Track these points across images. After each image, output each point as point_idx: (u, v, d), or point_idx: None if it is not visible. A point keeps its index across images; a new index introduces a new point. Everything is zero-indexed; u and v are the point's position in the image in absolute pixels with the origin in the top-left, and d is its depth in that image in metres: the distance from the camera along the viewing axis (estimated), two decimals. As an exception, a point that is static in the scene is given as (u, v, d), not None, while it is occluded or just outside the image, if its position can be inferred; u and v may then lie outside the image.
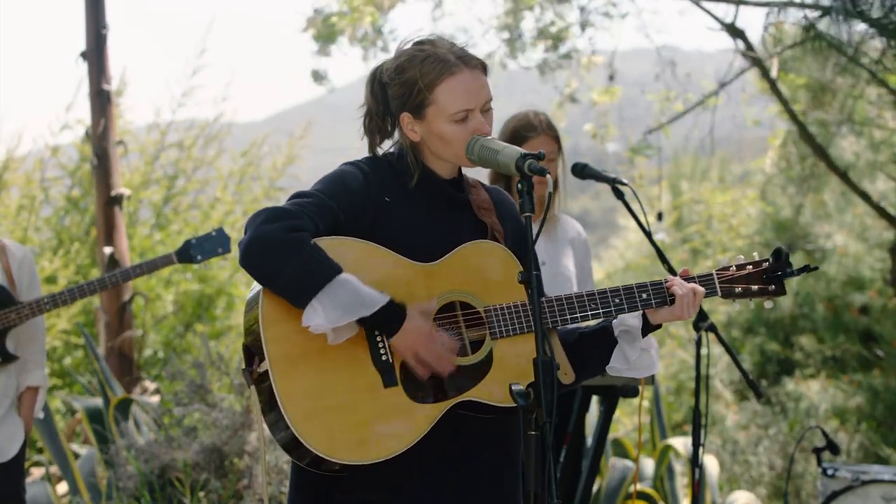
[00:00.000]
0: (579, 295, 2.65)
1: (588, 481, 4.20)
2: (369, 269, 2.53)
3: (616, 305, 2.65)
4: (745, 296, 2.72)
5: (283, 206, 2.53)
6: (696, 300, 2.65)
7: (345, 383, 2.50)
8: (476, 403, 2.57)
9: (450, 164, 2.70)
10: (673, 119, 7.89)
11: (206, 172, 10.17)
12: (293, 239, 2.44)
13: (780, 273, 2.72)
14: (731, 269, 2.72)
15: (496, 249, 2.66)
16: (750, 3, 6.86)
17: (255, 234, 2.45)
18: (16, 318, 4.17)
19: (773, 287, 2.72)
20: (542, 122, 4.16)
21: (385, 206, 2.61)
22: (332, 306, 2.42)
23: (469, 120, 2.61)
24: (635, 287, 2.67)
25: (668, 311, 2.66)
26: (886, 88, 7.01)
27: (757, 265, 2.72)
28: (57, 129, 9.84)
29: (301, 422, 2.45)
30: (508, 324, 2.61)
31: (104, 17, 7.54)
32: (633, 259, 13.43)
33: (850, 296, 9.62)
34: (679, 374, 10.07)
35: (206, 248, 4.62)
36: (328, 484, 2.59)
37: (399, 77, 2.63)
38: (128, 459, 5.49)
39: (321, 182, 2.63)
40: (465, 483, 2.61)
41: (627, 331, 2.68)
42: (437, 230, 2.65)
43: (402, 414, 2.51)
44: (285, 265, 2.42)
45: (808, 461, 7.37)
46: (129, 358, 7.55)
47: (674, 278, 2.68)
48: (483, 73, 2.66)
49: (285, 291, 2.46)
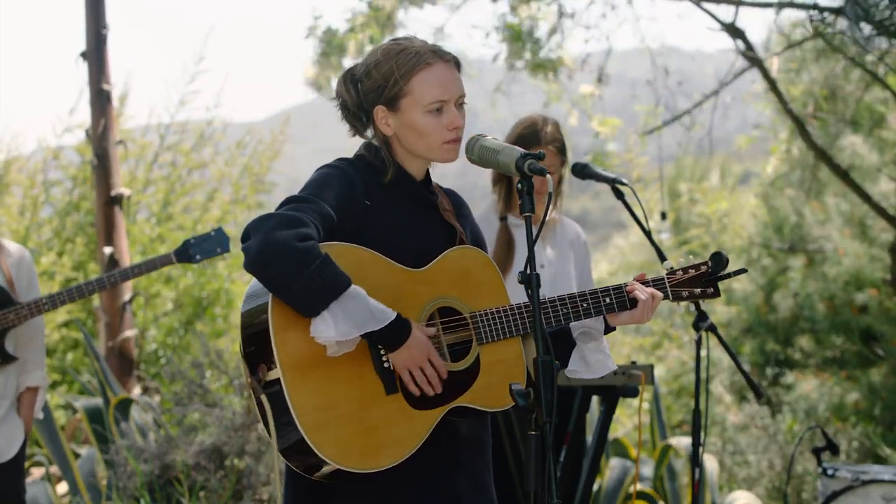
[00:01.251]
0: (552, 300, 2.69)
1: (588, 481, 4.19)
2: (364, 276, 2.53)
3: (584, 310, 2.70)
4: (688, 298, 2.80)
5: (291, 212, 2.49)
6: (654, 304, 2.72)
7: (350, 391, 2.51)
8: (466, 409, 2.59)
9: (421, 161, 2.70)
10: (670, 121, 7.89)
11: (205, 173, 10.18)
12: (305, 248, 2.42)
13: (716, 276, 2.80)
14: (678, 273, 2.80)
15: (479, 255, 2.71)
16: (750, 4, 6.86)
17: (267, 241, 2.41)
18: (14, 319, 4.17)
19: (710, 290, 2.80)
20: (547, 133, 4.13)
21: (367, 207, 2.62)
22: (342, 319, 2.42)
23: (443, 112, 2.63)
24: (600, 292, 2.72)
25: (628, 314, 2.72)
26: (890, 91, 7.01)
27: (697, 268, 2.80)
28: (59, 132, 9.87)
29: (313, 431, 2.45)
30: (495, 329, 2.64)
31: (104, 18, 7.54)
32: (635, 259, 13.44)
33: (850, 295, 9.62)
34: (680, 377, 10.08)
35: (205, 247, 4.62)
36: (323, 490, 2.60)
37: (375, 71, 2.65)
38: (128, 459, 5.49)
39: (311, 187, 2.60)
40: (460, 487, 2.63)
41: (587, 332, 2.75)
42: (417, 230, 2.67)
43: (403, 421, 2.53)
44: (298, 275, 2.40)
45: (808, 461, 7.37)
46: (129, 358, 7.55)
47: (634, 283, 2.74)
48: (457, 68, 2.69)
49: (296, 301, 2.44)
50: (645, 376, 3.95)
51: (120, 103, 9.63)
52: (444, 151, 2.66)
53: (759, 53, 7.00)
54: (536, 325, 2.38)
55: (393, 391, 2.53)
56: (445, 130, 2.63)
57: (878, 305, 9.31)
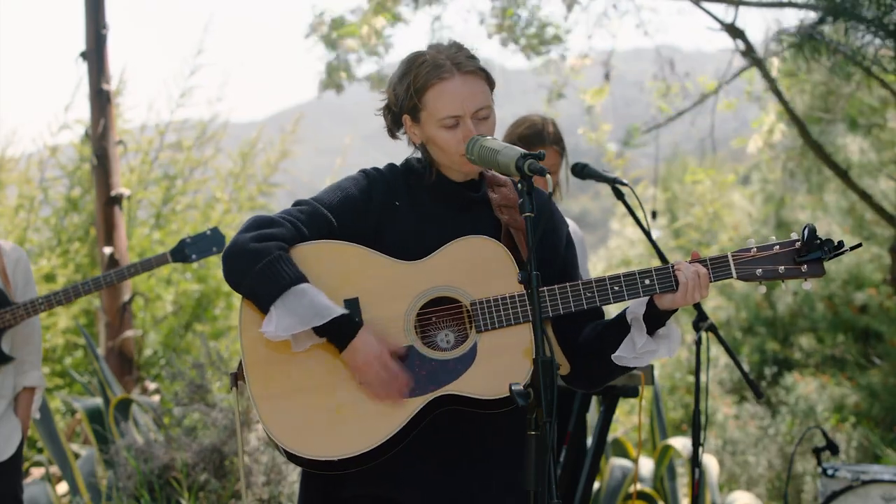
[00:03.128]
0: (574, 285, 2.63)
1: (588, 481, 4.19)
2: (350, 271, 2.59)
3: (615, 293, 2.61)
4: (769, 278, 2.58)
5: (269, 214, 2.60)
6: (702, 283, 2.57)
7: (319, 382, 2.55)
8: (460, 397, 2.57)
9: (454, 171, 2.71)
10: (671, 119, 7.89)
11: (205, 172, 10.18)
12: (258, 248, 2.51)
13: (816, 253, 2.58)
14: (752, 251, 2.61)
15: (488, 244, 2.65)
16: (750, 4, 6.86)
17: (230, 243, 2.56)
18: (11, 319, 4.17)
19: (805, 268, 2.58)
20: (550, 134, 4.14)
21: (393, 209, 2.65)
22: (285, 314, 2.48)
23: (459, 126, 2.63)
24: (637, 273, 2.62)
25: (671, 297, 2.59)
26: (889, 90, 7.01)
27: (785, 245, 2.60)
28: (56, 130, 9.86)
29: (271, 420, 2.53)
30: (494, 316, 2.60)
31: (104, 17, 7.54)
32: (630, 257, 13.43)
33: (849, 294, 9.62)
34: (674, 374, 10.07)
35: (201, 247, 4.65)
36: (334, 481, 2.62)
37: (399, 81, 2.68)
38: (128, 459, 5.49)
39: (323, 190, 2.69)
40: (466, 476, 2.62)
41: (636, 318, 2.65)
42: (441, 232, 2.65)
43: (377, 410, 2.54)
44: (247, 273, 2.51)
45: (808, 461, 7.37)
46: (128, 358, 7.55)
47: (681, 262, 2.61)
48: (480, 79, 2.66)
49: (249, 297, 2.56)
50: (645, 376, 3.95)
51: (120, 102, 9.62)
52: (464, 164, 2.66)
53: (759, 53, 7.00)
54: (536, 326, 2.36)
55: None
56: (461, 144, 2.63)
57: (877, 306, 9.32)
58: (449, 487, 2.61)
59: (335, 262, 2.59)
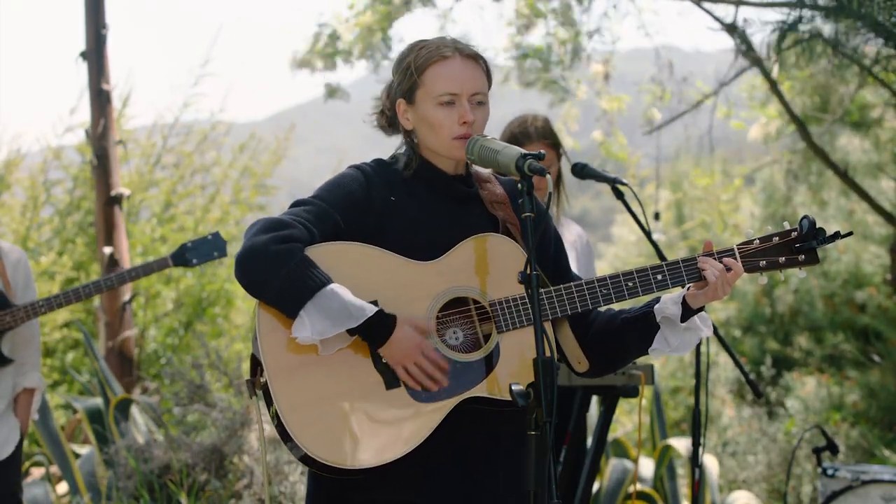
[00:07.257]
0: (589, 282, 2.63)
1: (588, 481, 4.19)
2: (367, 274, 2.53)
3: (629, 289, 2.62)
4: (771, 268, 2.66)
5: (278, 216, 2.54)
6: (733, 277, 2.60)
7: (346, 389, 2.50)
8: (486, 398, 2.55)
9: (444, 157, 2.69)
10: (671, 119, 7.88)
11: (206, 175, 10.18)
12: (282, 251, 2.45)
13: (810, 242, 2.65)
14: (755, 243, 2.67)
15: (503, 242, 2.64)
16: (750, 4, 6.86)
17: (247, 247, 2.47)
18: (11, 322, 4.16)
19: (803, 257, 2.66)
20: (537, 129, 4.14)
21: (391, 204, 2.62)
22: (318, 318, 2.44)
23: (455, 106, 2.62)
24: (650, 269, 2.63)
25: (702, 294, 2.61)
26: (889, 90, 7.01)
27: (784, 235, 2.67)
28: (60, 132, 9.88)
29: (300, 429, 2.46)
30: (514, 316, 2.59)
31: (104, 18, 7.54)
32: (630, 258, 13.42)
33: (849, 293, 9.62)
34: (676, 373, 10.06)
35: (202, 251, 4.62)
36: (343, 485, 2.59)
37: (398, 65, 2.69)
38: (128, 459, 5.49)
39: (321, 188, 2.64)
40: (483, 478, 2.60)
41: (668, 318, 2.65)
42: (442, 225, 2.64)
43: (406, 415, 2.50)
44: (273, 277, 2.44)
45: (808, 461, 7.37)
46: (128, 358, 7.55)
47: (705, 258, 2.63)
48: (480, 67, 2.68)
49: (275, 303, 2.48)
50: (645, 376, 3.95)
51: (122, 104, 9.63)
52: (454, 148, 2.64)
53: (759, 53, 6.99)
54: (536, 326, 2.36)
55: (395, 386, 2.52)
56: (455, 125, 2.61)
57: (877, 305, 9.32)
58: (467, 487, 2.59)
59: (350, 265, 2.53)
